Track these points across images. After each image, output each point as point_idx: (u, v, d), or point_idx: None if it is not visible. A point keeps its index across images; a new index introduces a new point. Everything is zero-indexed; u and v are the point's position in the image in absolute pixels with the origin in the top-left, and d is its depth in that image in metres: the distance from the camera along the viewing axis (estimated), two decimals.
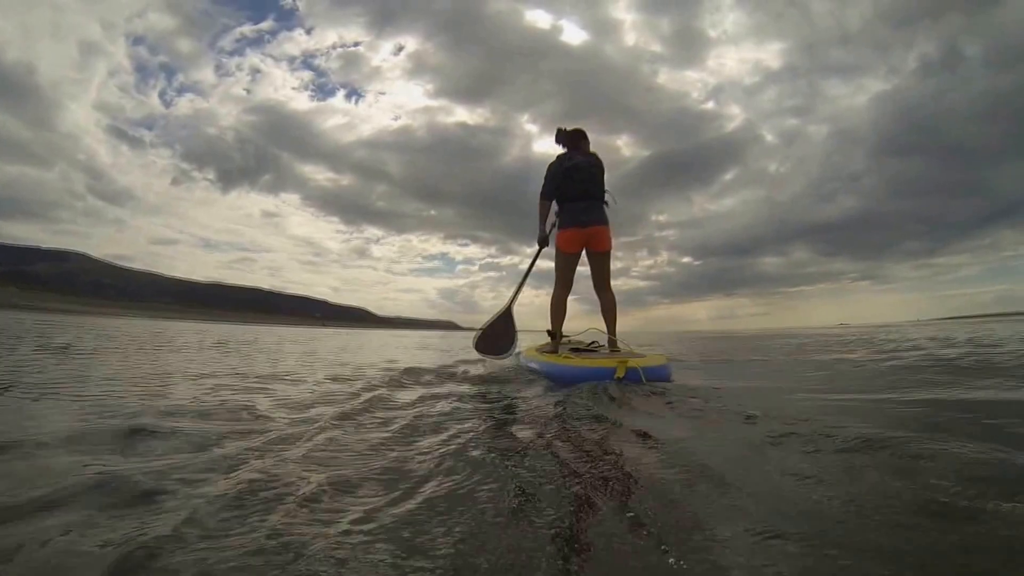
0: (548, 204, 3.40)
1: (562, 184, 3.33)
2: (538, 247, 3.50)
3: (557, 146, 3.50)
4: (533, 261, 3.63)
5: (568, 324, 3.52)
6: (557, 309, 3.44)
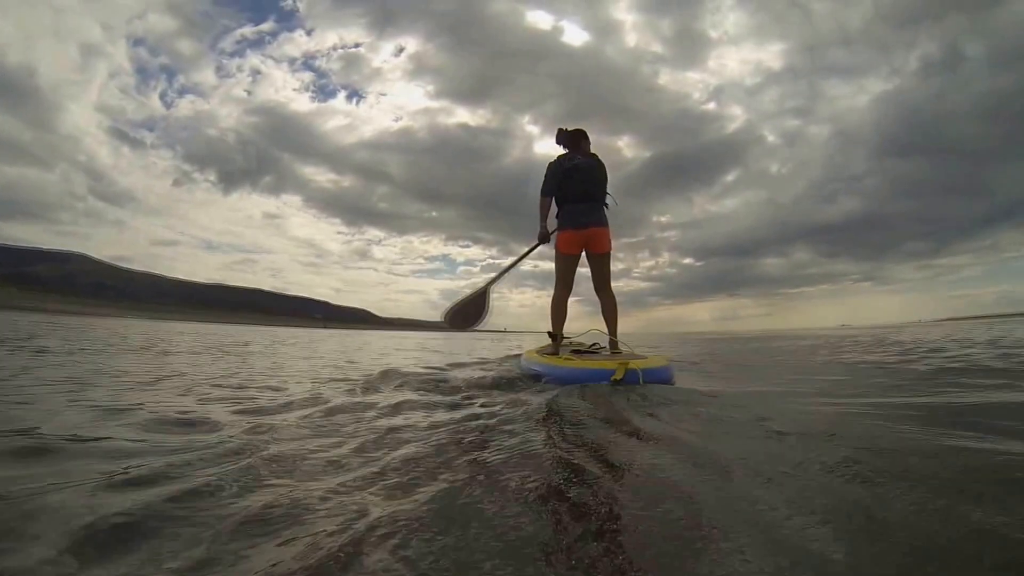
0: (548, 202, 3.38)
1: (562, 185, 3.32)
2: (537, 242, 3.49)
3: (558, 147, 3.48)
4: (527, 252, 3.60)
5: (569, 325, 3.56)
6: (558, 311, 3.43)
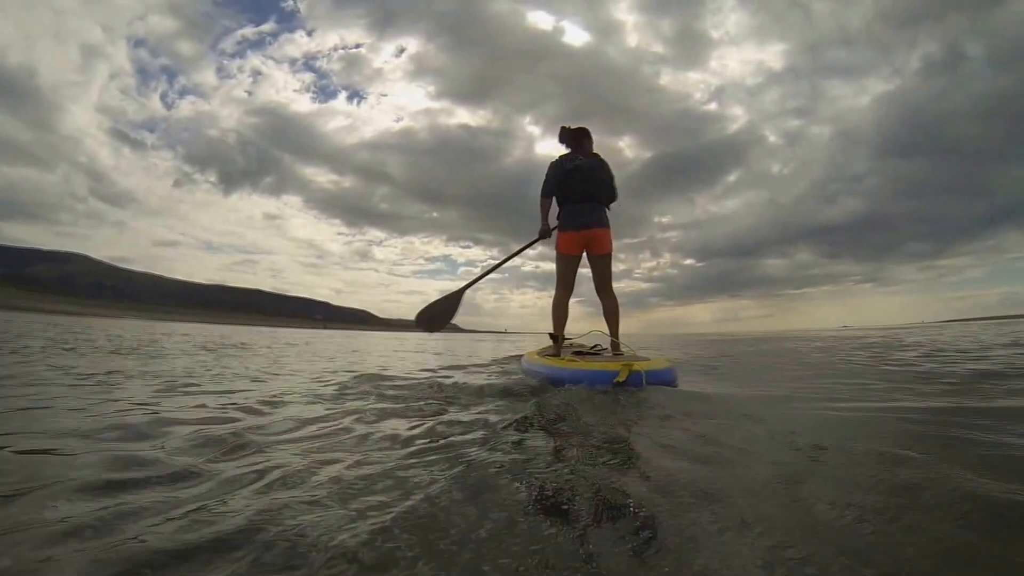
0: (548, 202, 3.36)
1: (563, 185, 3.29)
2: (538, 236, 3.41)
3: (560, 146, 3.43)
4: (525, 247, 3.50)
5: (570, 326, 3.49)
6: (558, 312, 3.38)
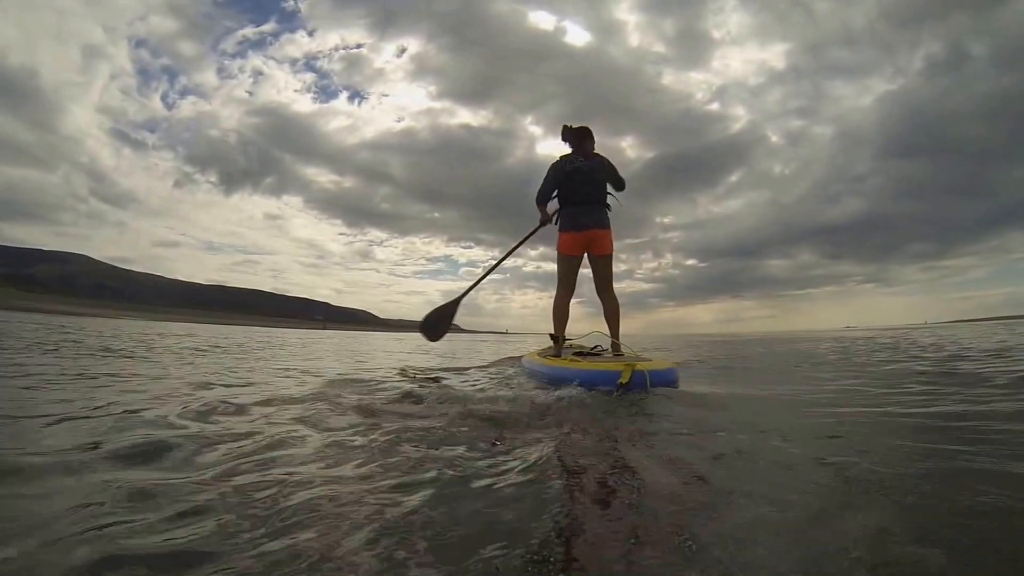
0: (543, 207, 3.37)
1: (563, 187, 3.31)
2: (540, 224, 3.40)
3: (563, 144, 3.44)
4: (527, 236, 3.48)
5: (571, 327, 3.51)
6: (559, 312, 3.40)
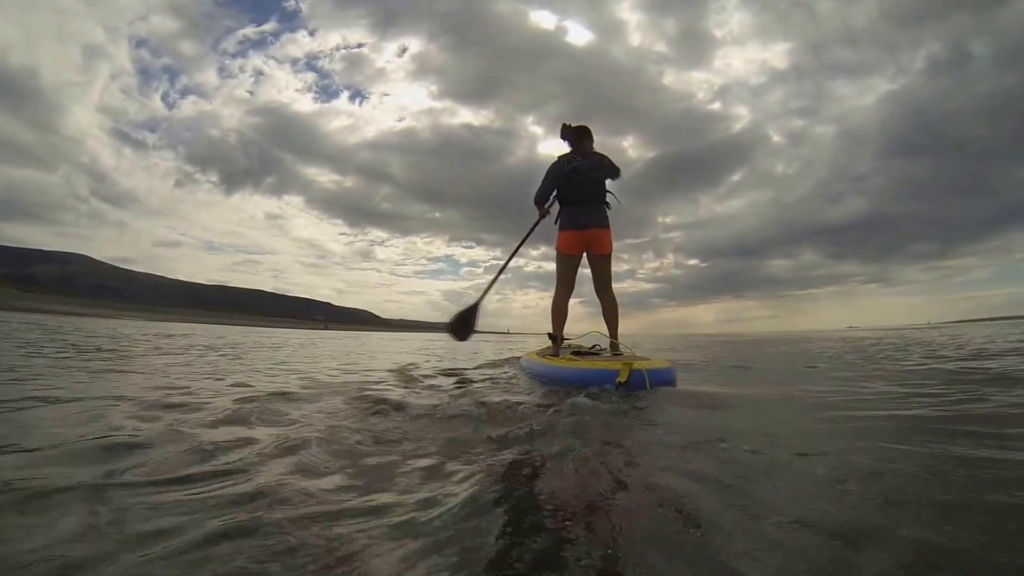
0: (542, 208, 3.38)
1: (562, 186, 3.30)
2: (539, 218, 3.40)
3: (563, 143, 3.43)
4: (528, 233, 3.46)
5: (570, 327, 3.49)
6: (558, 312, 3.39)
